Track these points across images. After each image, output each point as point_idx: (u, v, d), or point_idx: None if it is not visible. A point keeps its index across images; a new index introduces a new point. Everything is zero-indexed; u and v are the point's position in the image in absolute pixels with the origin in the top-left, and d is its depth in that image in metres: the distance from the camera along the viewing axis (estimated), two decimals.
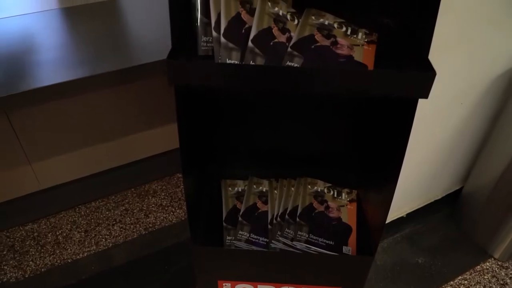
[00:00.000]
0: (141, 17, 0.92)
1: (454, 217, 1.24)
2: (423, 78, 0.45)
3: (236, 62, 0.51)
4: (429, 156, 1.02)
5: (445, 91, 0.87)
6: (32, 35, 0.84)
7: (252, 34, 0.52)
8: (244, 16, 0.53)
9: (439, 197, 1.21)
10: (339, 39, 0.56)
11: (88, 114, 0.93)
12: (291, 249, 0.72)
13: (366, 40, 0.57)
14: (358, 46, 0.56)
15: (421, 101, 0.50)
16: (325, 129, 0.82)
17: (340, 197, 0.81)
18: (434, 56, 0.72)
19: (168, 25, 0.53)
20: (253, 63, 0.51)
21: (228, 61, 0.51)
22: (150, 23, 0.90)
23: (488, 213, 1.12)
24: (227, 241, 0.73)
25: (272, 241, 0.72)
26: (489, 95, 0.94)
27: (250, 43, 0.51)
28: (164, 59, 0.76)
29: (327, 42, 0.56)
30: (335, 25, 0.57)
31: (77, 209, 1.19)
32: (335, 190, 0.81)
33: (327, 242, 0.74)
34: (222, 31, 0.51)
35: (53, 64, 0.76)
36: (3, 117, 0.83)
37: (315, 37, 0.55)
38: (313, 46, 0.55)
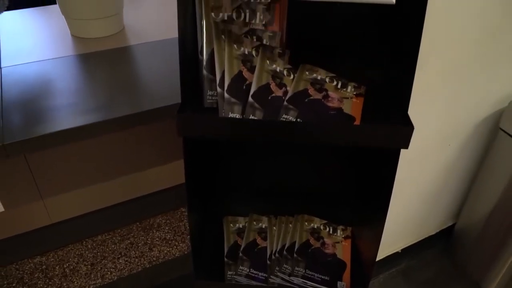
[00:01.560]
0: (152, 62, 0.99)
1: (448, 252, 1.28)
2: (403, 131, 0.51)
3: (238, 115, 0.58)
4: (420, 194, 1.07)
5: (433, 133, 0.93)
6: (49, 80, 0.91)
7: (252, 90, 0.58)
8: (245, 73, 0.60)
9: (433, 233, 1.25)
10: (330, 93, 0.63)
11: (99, 153, 0.99)
12: (289, 284, 0.76)
13: (354, 93, 0.63)
14: (347, 99, 0.63)
15: (411, 141, 0.55)
16: (321, 169, 0.88)
17: (335, 234, 0.85)
18: (420, 99, 0.79)
19: (178, 72, 0.59)
20: (252, 117, 0.57)
21: (230, 115, 0.57)
22: (161, 68, 0.96)
23: (481, 249, 1.16)
24: (228, 276, 0.77)
25: (271, 276, 0.77)
26: (475, 137, 1.00)
27: (250, 98, 0.58)
28: (172, 104, 0.84)
29: (319, 96, 0.62)
30: (327, 80, 0.63)
31: (84, 242, 1.23)
32: (331, 227, 0.86)
33: (322, 277, 0.78)
34: (225, 87, 0.58)
35: (69, 108, 0.82)
36: (21, 156, 0.89)
37: (309, 91, 0.62)
38: (306, 100, 0.61)
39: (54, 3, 1.06)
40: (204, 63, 0.61)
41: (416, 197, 1.07)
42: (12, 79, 0.89)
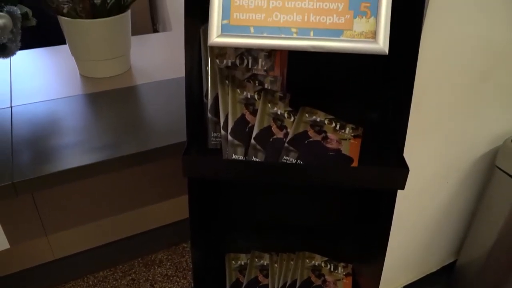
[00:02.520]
0: (157, 101, 1.02)
1: None
2: (399, 173, 0.54)
3: (240, 157, 0.60)
4: (420, 231, 1.08)
5: (430, 171, 0.95)
6: (58, 119, 0.94)
7: (255, 132, 0.61)
8: (248, 116, 0.63)
9: (434, 270, 1.25)
10: (329, 134, 0.65)
11: (103, 190, 1.01)
12: None
13: (352, 134, 0.66)
14: (345, 140, 0.65)
15: (409, 179, 0.58)
16: (322, 206, 0.90)
17: (336, 271, 0.86)
18: (416, 139, 0.81)
19: (182, 110, 0.62)
20: (255, 158, 0.60)
21: (234, 156, 0.60)
22: (166, 107, 1.00)
23: (483, 286, 1.16)
24: None
25: None
26: (472, 175, 1.02)
27: (252, 141, 0.60)
28: (176, 142, 0.86)
29: (319, 137, 0.65)
30: (326, 121, 0.66)
31: (86, 278, 1.23)
32: (332, 264, 0.87)
33: None
34: (229, 130, 0.61)
35: (76, 147, 0.84)
36: (28, 194, 0.91)
37: (309, 133, 0.65)
38: (306, 141, 0.64)
39: (64, 43, 1.11)
40: (209, 106, 0.64)
41: (416, 234, 1.08)
42: (23, 118, 0.92)
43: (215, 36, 0.52)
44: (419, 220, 1.05)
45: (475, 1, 0.73)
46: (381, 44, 0.51)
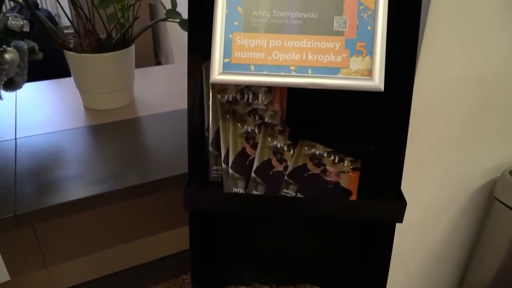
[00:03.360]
0: (159, 133, 1.04)
1: None
2: (397, 207, 0.55)
3: (241, 190, 0.61)
4: (421, 263, 1.08)
5: (429, 202, 0.96)
6: (61, 151, 0.95)
7: (255, 165, 0.62)
8: (248, 150, 0.64)
9: None
10: (328, 167, 0.67)
11: (104, 222, 1.01)
12: None
13: (351, 167, 0.67)
14: (344, 173, 0.67)
15: (408, 211, 0.58)
16: (322, 238, 0.90)
17: None
18: (415, 171, 0.82)
19: (182, 142, 0.63)
20: (255, 192, 0.61)
21: (234, 190, 0.61)
22: (168, 139, 1.01)
23: None
24: None
25: None
26: (472, 206, 1.03)
27: (253, 174, 0.62)
28: (178, 174, 0.88)
29: (318, 170, 0.66)
30: (325, 154, 0.67)
31: None
32: None
33: None
34: (230, 163, 0.62)
35: (78, 179, 0.85)
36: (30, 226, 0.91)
37: (308, 166, 0.66)
38: (306, 174, 0.65)
39: (69, 75, 1.14)
40: (210, 140, 0.65)
41: (417, 266, 1.08)
42: (26, 150, 0.94)
43: (217, 74, 0.54)
44: (419, 252, 1.05)
45: (469, 37, 0.75)
46: (377, 81, 0.53)
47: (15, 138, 0.98)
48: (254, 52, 0.54)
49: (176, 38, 2.32)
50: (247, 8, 0.54)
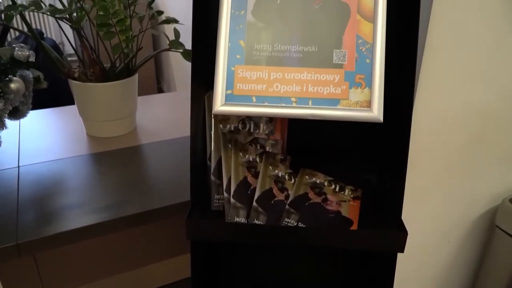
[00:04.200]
0: (161, 161, 1.05)
1: None
2: (397, 237, 0.55)
3: (243, 219, 0.62)
4: None
5: (431, 230, 0.96)
6: (64, 179, 0.96)
7: (256, 195, 0.63)
8: (250, 179, 0.65)
9: None
10: (329, 196, 0.67)
11: (105, 250, 1.01)
12: None
13: (352, 196, 0.68)
14: (345, 202, 0.67)
15: (410, 239, 0.58)
16: (323, 266, 0.89)
17: None
18: (415, 199, 0.83)
19: (183, 170, 0.64)
20: (257, 221, 0.61)
21: (236, 219, 0.61)
22: (169, 167, 1.02)
23: None
24: None
25: None
26: (473, 234, 1.03)
27: (254, 203, 0.62)
28: (179, 202, 0.88)
29: (319, 199, 0.66)
30: (326, 183, 0.68)
31: None
32: None
33: None
34: (231, 192, 0.63)
35: (80, 207, 0.86)
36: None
37: (309, 195, 0.66)
38: (307, 203, 0.65)
39: (72, 103, 1.15)
40: (212, 169, 0.66)
41: None
42: (29, 178, 0.94)
43: (220, 105, 0.55)
44: (421, 280, 1.04)
45: (466, 67, 0.77)
46: (376, 112, 0.54)
47: (18, 166, 0.99)
48: (256, 84, 0.56)
49: (178, 66, 2.36)
50: (249, 42, 0.56)
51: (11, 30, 1.54)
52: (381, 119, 0.54)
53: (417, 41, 0.58)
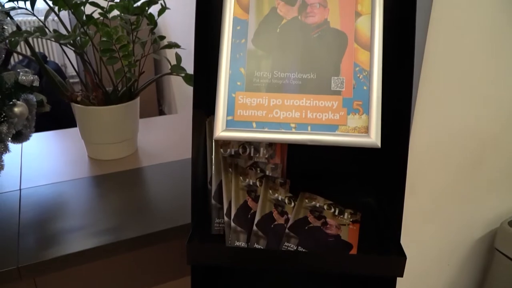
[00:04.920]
0: (162, 183, 1.05)
1: None
2: (396, 262, 0.55)
3: (243, 243, 0.62)
4: None
5: (430, 254, 0.96)
6: (65, 202, 0.96)
7: (256, 219, 0.64)
8: (250, 203, 0.66)
9: None
10: (328, 220, 0.68)
11: (104, 274, 1.00)
12: None
13: (351, 219, 0.68)
14: (344, 226, 0.68)
15: (409, 263, 0.59)
16: None
17: None
18: (415, 222, 0.83)
19: (184, 192, 0.64)
20: (257, 245, 0.62)
21: (236, 243, 0.62)
22: (170, 189, 1.02)
23: None
24: None
25: None
26: (473, 257, 1.03)
27: (254, 227, 0.63)
28: (180, 225, 0.88)
29: (318, 223, 0.67)
30: (325, 207, 0.69)
31: None
32: None
33: None
34: (232, 216, 0.63)
35: (81, 231, 0.86)
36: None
37: (308, 218, 0.67)
38: (306, 227, 0.66)
39: (73, 125, 1.17)
40: (213, 193, 0.67)
41: None
42: (30, 201, 0.95)
43: (221, 131, 0.56)
44: None
45: (462, 92, 0.79)
46: (374, 138, 0.55)
47: (20, 189, 1.00)
48: (256, 110, 0.57)
49: (179, 88, 2.39)
50: (250, 69, 0.57)
51: (15, 53, 1.57)
52: (379, 144, 0.55)
53: (413, 68, 0.60)
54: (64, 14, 0.98)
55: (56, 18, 0.97)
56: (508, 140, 0.90)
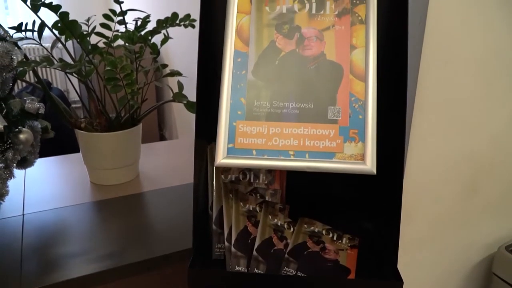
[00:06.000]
0: (163, 208, 1.06)
1: None
2: (394, 287, 0.57)
3: (243, 268, 0.64)
4: None
5: (429, 278, 0.96)
6: (67, 227, 0.98)
7: (256, 244, 0.65)
8: (250, 228, 0.67)
9: None
10: (327, 245, 0.69)
11: None
12: None
13: (349, 244, 0.70)
14: (342, 251, 0.69)
15: (408, 287, 0.60)
16: None
17: None
18: (412, 248, 0.84)
19: (184, 217, 0.65)
20: (257, 270, 0.63)
21: (237, 268, 0.63)
22: (171, 214, 1.04)
23: None
24: None
25: None
26: (471, 282, 1.03)
27: (255, 252, 0.64)
28: (181, 250, 0.89)
29: (317, 248, 0.68)
30: (324, 232, 0.70)
31: None
32: None
33: None
34: (232, 241, 0.65)
35: (83, 255, 0.87)
36: None
37: (307, 243, 0.68)
38: (305, 252, 0.67)
39: (76, 150, 1.19)
40: (214, 218, 0.68)
41: None
42: (33, 226, 0.96)
43: (222, 158, 0.59)
44: None
45: (455, 119, 0.81)
46: (369, 165, 0.57)
47: (23, 214, 1.01)
48: (256, 138, 0.59)
49: (180, 114, 2.42)
50: (250, 99, 0.60)
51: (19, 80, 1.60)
52: (374, 171, 0.57)
53: (406, 97, 0.63)
54: (68, 41, 1.02)
55: (60, 44, 1.00)
56: (502, 166, 0.92)
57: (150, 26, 1.08)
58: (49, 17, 0.94)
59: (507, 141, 0.90)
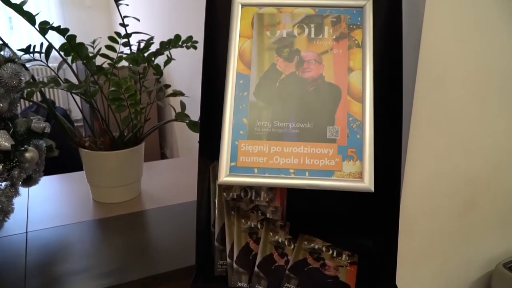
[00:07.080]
0: (165, 226, 1.08)
1: None
2: None
3: (245, 284, 0.65)
4: None
5: None
6: (70, 245, 0.99)
7: (258, 260, 0.66)
8: (252, 245, 0.69)
9: None
10: (327, 261, 0.70)
11: None
12: None
13: (349, 261, 0.71)
14: (342, 267, 0.70)
15: None
16: None
17: None
18: (411, 263, 0.85)
19: (186, 235, 0.66)
20: (258, 286, 0.64)
21: (238, 284, 0.65)
22: (172, 232, 1.05)
23: None
24: None
25: None
26: None
27: (256, 268, 0.65)
28: (183, 267, 0.90)
29: (317, 264, 0.70)
30: (323, 249, 0.72)
31: None
32: None
33: None
34: (234, 258, 0.66)
35: (85, 273, 0.88)
36: None
37: (308, 260, 0.70)
38: (306, 269, 0.68)
39: (78, 168, 1.20)
40: (216, 235, 0.70)
41: None
42: (36, 244, 0.97)
43: (224, 176, 0.60)
44: None
45: (452, 135, 0.83)
46: (367, 183, 0.59)
47: (26, 232, 1.02)
48: (257, 156, 0.61)
49: (181, 133, 2.45)
50: (251, 119, 0.62)
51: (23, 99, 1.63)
52: (372, 189, 0.59)
53: (402, 117, 0.65)
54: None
55: (65, 64, 1.03)
56: (499, 183, 0.93)
57: (153, 48, 1.11)
58: (54, 38, 0.97)
59: (505, 158, 0.92)
